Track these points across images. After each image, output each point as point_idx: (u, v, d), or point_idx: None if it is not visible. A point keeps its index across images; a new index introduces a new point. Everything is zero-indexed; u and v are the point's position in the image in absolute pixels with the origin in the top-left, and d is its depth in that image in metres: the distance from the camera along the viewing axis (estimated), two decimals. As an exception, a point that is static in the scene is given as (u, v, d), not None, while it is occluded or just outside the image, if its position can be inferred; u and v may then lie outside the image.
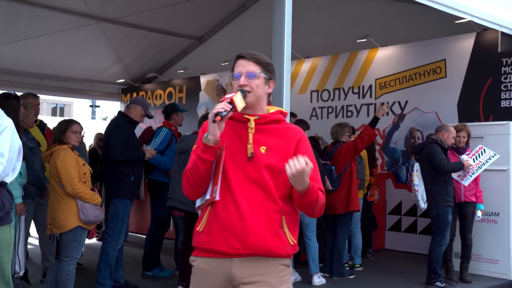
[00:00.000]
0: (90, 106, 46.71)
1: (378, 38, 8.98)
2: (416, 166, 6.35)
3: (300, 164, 2.18)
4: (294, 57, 10.16)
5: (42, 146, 5.86)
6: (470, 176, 6.25)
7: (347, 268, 6.76)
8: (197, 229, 2.41)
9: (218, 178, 2.37)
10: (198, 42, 12.14)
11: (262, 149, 2.40)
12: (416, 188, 6.23)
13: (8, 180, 3.35)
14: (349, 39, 9.30)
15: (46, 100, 46.06)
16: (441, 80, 8.21)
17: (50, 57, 11.27)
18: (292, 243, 2.38)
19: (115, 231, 5.51)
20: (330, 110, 9.62)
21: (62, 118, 5.79)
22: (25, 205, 4.90)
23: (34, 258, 6.67)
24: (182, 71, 12.29)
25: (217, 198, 2.34)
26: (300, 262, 6.92)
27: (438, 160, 5.92)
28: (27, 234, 5.81)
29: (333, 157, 6.45)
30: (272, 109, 2.55)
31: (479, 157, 6.34)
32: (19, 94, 6.19)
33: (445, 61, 8.16)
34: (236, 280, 2.34)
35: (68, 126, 4.89)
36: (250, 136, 2.41)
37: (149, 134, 6.77)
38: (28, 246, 6.16)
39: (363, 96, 9.18)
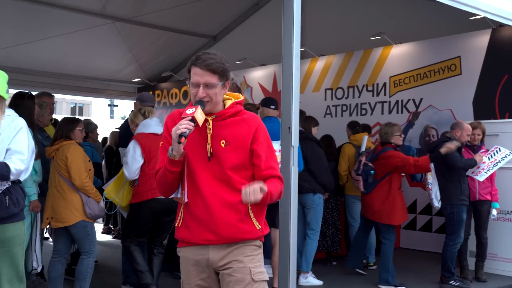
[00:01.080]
0: (109, 105, 47.10)
1: (392, 35, 8.93)
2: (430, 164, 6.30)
3: (255, 195, 2.38)
4: (308, 55, 10.16)
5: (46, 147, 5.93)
6: (486, 172, 6.16)
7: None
8: (177, 224, 2.65)
9: (184, 182, 2.57)
10: (212, 40, 12.16)
11: (222, 143, 2.55)
12: (430, 186, 6.19)
13: (22, 178, 3.43)
14: (363, 36, 9.26)
15: (66, 99, 46.58)
16: (456, 77, 8.13)
17: (67, 56, 11.40)
18: (258, 227, 2.60)
19: None
20: (344, 108, 9.59)
21: (81, 118, 5.86)
22: (41, 203, 4.97)
23: (49, 255, 6.73)
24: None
25: (186, 200, 2.56)
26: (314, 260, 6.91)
27: (451, 156, 5.87)
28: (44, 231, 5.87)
29: (377, 159, 6.06)
30: (229, 100, 2.65)
31: (494, 155, 6.27)
32: (34, 93, 6.31)
33: (460, 58, 8.09)
34: (214, 264, 2.59)
35: (76, 124, 5.02)
36: (209, 136, 2.56)
37: None
38: (45, 243, 6.21)
39: (378, 94, 9.14)
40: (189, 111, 2.44)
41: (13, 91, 4.94)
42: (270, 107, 5.63)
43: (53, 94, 6.32)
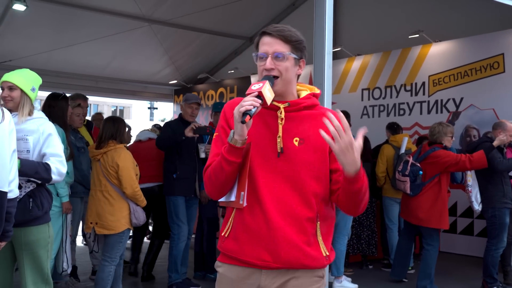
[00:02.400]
0: (148, 108, 47.75)
1: (431, 33, 8.68)
2: (471, 165, 6.06)
3: (348, 135, 1.86)
4: (344, 55, 10.00)
5: (90, 146, 5.98)
6: None
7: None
8: (223, 234, 2.15)
9: (244, 182, 2.06)
10: (248, 42, 12.13)
11: (295, 141, 2.07)
12: (469, 189, 5.98)
13: (60, 179, 3.45)
14: (400, 35, 9.06)
15: (107, 102, 47.53)
16: (499, 76, 7.83)
17: (105, 59, 11.56)
18: (325, 254, 2.11)
19: (173, 226, 5.63)
20: (381, 108, 9.38)
21: None
22: (72, 204, 4.99)
23: (83, 256, 6.80)
24: (233, 71, 12.31)
25: (244, 204, 2.07)
26: (349, 264, 6.77)
27: (492, 159, 5.62)
28: (77, 232, 5.92)
29: (425, 160, 5.71)
30: (304, 91, 2.21)
31: None
32: (68, 94, 6.38)
33: (504, 56, 7.78)
34: None
35: (123, 125, 4.90)
36: (280, 128, 2.08)
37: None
38: (78, 244, 6.27)
39: (416, 94, 8.90)
40: (255, 86, 1.99)
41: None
42: None
43: (89, 96, 6.39)
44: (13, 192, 2.94)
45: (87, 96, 6.43)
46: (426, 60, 8.82)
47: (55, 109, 4.85)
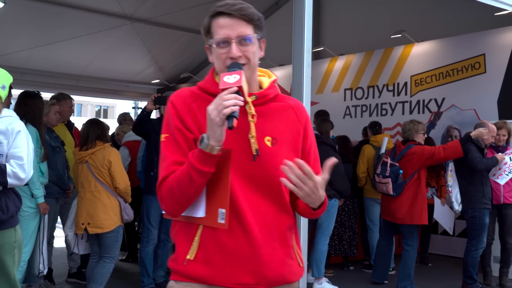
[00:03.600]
0: (133, 107, 47.46)
1: (414, 33, 8.69)
2: (451, 165, 6.06)
3: (312, 180, 1.66)
4: (327, 55, 9.98)
5: (70, 146, 5.87)
6: (507, 174, 5.90)
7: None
8: (187, 256, 1.75)
9: (225, 197, 1.70)
10: (232, 41, 12.06)
11: (267, 141, 1.77)
12: (450, 189, 5.95)
13: (22, 183, 3.34)
14: (383, 35, 9.06)
15: (90, 102, 47.11)
16: (480, 76, 7.85)
17: (86, 58, 11.42)
18: (301, 265, 1.90)
19: (143, 228, 5.56)
20: (364, 108, 9.37)
21: (106, 120, 5.89)
22: (48, 205, 4.88)
23: (59, 258, 6.69)
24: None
25: (226, 226, 1.71)
26: (330, 265, 6.73)
27: (471, 158, 5.62)
28: (52, 233, 5.80)
29: (402, 158, 5.67)
30: (263, 77, 1.90)
31: None
32: (49, 94, 6.25)
33: (485, 56, 7.80)
34: None
35: (105, 126, 5.01)
36: (252, 126, 1.75)
37: None
38: (54, 246, 6.15)
39: (398, 94, 8.90)
40: (229, 78, 1.64)
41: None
42: None
43: (72, 96, 6.25)
44: None
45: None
46: (408, 60, 8.82)
47: (32, 107, 4.73)
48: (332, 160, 1.72)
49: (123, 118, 8.26)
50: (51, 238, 5.71)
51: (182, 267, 1.77)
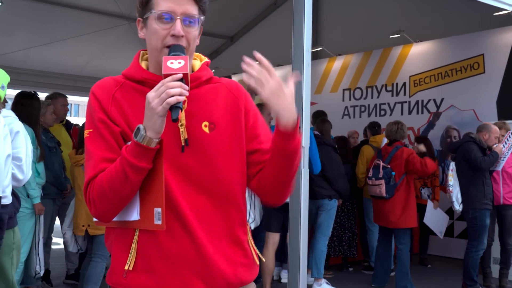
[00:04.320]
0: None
1: (412, 33, 8.66)
2: (452, 165, 6.04)
3: (274, 77, 1.50)
4: (325, 55, 9.94)
5: (67, 146, 5.83)
6: (502, 160, 5.89)
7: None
8: (125, 267, 1.57)
9: (160, 194, 1.51)
10: (230, 41, 12.02)
11: (205, 127, 1.60)
12: (450, 189, 5.92)
13: (20, 184, 3.32)
14: (381, 35, 9.03)
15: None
16: (479, 76, 7.81)
17: (83, 58, 11.35)
18: (258, 262, 1.73)
19: None
20: (362, 108, 9.33)
21: None
22: (44, 206, 4.84)
23: (56, 259, 6.64)
24: (214, 70, 12.14)
25: (163, 227, 1.52)
26: (329, 266, 6.69)
27: (474, 158, 5.59)
28: (50, 234, 5.75)
29: (392, 161, 5.75)
30: (195, 61, 1.73)
31: (508, 140, 5.97)
32: (46, 94, 6.21)
33: (484, 56, 7.77)
34: None
35: None
36: (182, 114, 1.56)
37: None
38: (52, 247, 6.10)
39: (397, 94, 8.86)
40: (174, 64, 1.47)
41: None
42: None
43: (69, 96, 6.23)
44: (7, 198, 2.87)
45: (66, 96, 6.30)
46: (407, 60, 8.79)
47: (29, 108, 4.70)
48: (295, 75, 1.57)
49: None
50: (48, 239, 5.66)
51: (122, 279, 1.58)
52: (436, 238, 8.01)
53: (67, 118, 6.51)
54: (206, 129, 1.60)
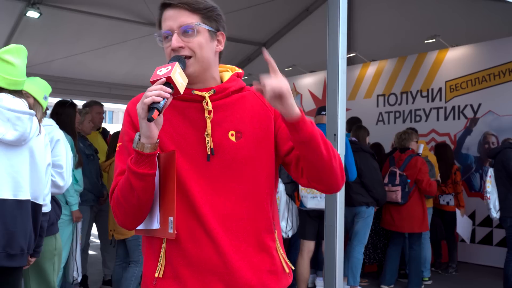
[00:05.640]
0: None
1: (448, 38, 8.52)
2: (490, 171, 5.91)
3: (279, 77, 1.53)
4: (359, 61, 9.86)
5: (104, 153, 5.92)
6: None
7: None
8: (155, 274, 1.63)
9: (172, 203, 1.57)
10: (262, 47, 12.05)
11: (231, 136, 1.65)
12: (488, 195, 5.79)
13: (62, 191, 3.39)
14: (416, 40, 8.90)
15: (122, 109, 47.68)
16: (518, 81, 7.64)
17: (118, 66, 11.54)
18: (287, 270, 1.73)
19: None
20: (397, 114, 9.22)
21: None
22: (82, 212, 4.92)
23: (94, 264, 6.73)
24: (246, 77, 12.23)
25: (175, 233, 1.58)
26: (364, 274, 6.61)
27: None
28: (87, 240, 5.85)
29: (407, 169, 6.05)
30: (226, 72, 1.78)
31: None
32: (82, 102, 6.34)
33: (523, 60, 7.59)
34: None
35: None
36: (208, 122, 1.63)
37: None
38: (89, 252, 6.20)
39: (433, 100, 8.72)
40: (161, 71, 1.54)
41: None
42: (321, 113, 5.37)
43: (104, 103, 6.35)
44: (47, 206, 2.93)
45: (102, 103, 6.42)
46: (442, 65, 8.65)
47: (62, 116, 4.79)
48: (265, 52, 1.60)
49: None
50: (86, 245, 5.75)
51: (152, 287, 1.64)
52: (475, 246, 7.85)
53: (104, 125, 6.61)
54: (233, 138, 1.65)
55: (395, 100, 9.30)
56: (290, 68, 10.82)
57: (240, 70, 1.81)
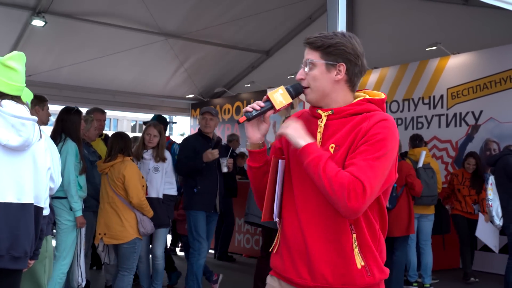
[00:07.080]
0: (168, 122, 48.05)
1: (449, 45, 8.57)
2: (491, 179, 5.93)
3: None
4: (361, 68, 9.90)
5: (98, 161, 5.97)
6: None
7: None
8: (273, 250, 2.11)
9: (274, 195, 2.04)
10: (265, 55, 12.12)
11: (331, 148, 1.94)
12: (490, 203, 5.82)
13: (51, 193, 3.41)
14: (418, 47, 8.96)
15: (126, 117, 47.88)
16: (519, 88, 7.67)
17: (122, 74, 11.62)
18: (369, 273, 1.90)
19: (193, 242, 5.50)
20: (399, 121, 9.26)
21: (140, 135, 5.93)
22: (85, 218, 4.97)
23: (96, 270, 6.78)
24: (249, 85, 12.30)
25: (276, 219, 2.05)
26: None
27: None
28: (90, 246, 5.88)
29: None
30: (360, 96, 2.05)
31: None
32: (87, 109, 6.40)
33: (523, 68, 7.63)
34: None
35: (130, 140, 5.07)
36: (318, 136, 1.98)
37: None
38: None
39: (434, 107, 8.77)
40: (270, 91, 1.99)
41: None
42: None
43: (108, 111, 6.41)
44: (47, 209, 2.97)
45: (105, 110, 6.48)
46: (444, 72, 8.70)
47: (67, 123, 4.86)
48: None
49: None
50: (88, 251, 5.79)
51: (271, 258, 2.11)
52: (477, 253, 7.85)
53: (107, 132, 6.67)
54: (332, 150, 1.93)
55: (397, 107, 9.35)
56: (292, 76, 10.86)
57: (381, 96, 2.04)
